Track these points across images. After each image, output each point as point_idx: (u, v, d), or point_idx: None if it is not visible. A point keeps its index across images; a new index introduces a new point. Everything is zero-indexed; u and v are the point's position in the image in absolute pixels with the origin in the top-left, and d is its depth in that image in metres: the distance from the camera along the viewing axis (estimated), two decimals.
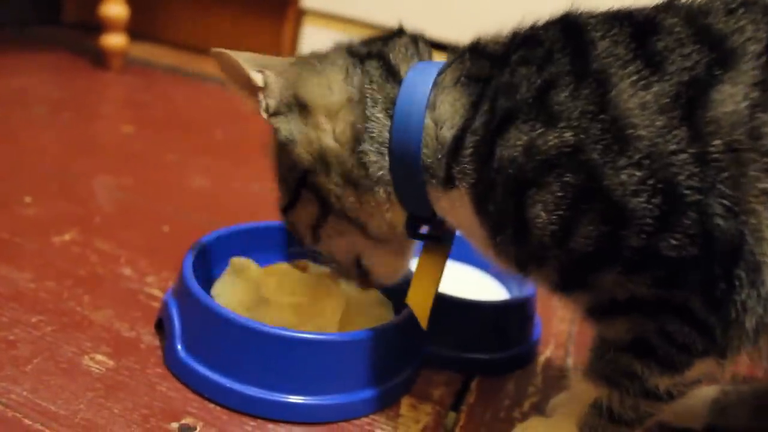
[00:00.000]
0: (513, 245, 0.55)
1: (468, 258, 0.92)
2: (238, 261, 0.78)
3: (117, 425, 0.61)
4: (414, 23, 0.62)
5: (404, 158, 0.57)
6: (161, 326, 0.75)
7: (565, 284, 0.55)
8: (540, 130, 0.51)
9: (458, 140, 0.55)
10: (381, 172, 0.58)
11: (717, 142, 0.47)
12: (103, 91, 1.74)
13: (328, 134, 0.59)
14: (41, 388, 0.64)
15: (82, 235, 0.94)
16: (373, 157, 0.58)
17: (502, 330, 0.81)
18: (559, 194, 0.50)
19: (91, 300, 0.80)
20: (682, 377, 0.54)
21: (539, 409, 0.73)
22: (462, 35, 0.62)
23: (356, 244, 0.66)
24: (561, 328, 0.90)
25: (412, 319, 0.72)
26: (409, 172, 0.58)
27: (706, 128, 0.47)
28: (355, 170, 0.59)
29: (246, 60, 0.61)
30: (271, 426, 0.65)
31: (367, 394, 0.68)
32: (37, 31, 2.08)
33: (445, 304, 0.78)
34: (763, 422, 0.70)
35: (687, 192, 0.47)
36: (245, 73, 0.61)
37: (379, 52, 0.60)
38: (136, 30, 1.92)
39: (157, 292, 0.83)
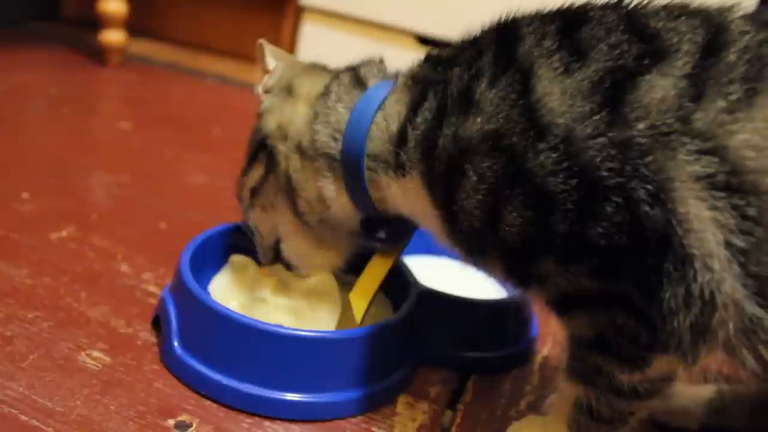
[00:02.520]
0: (455, 233, 0.59)
1: None
2: (237, 259, 0.78)
3: (113, 422, 0.61)
4: (412, 21, 0.65)
5: (351, 147, 0.65)
6: (158, 323, 0.74)
7: (512, 275, 0.57)
8: (462, 119, 0.55)
9: (402, 133, 0.61)
10: (329, 151, 0.66)
11: (641, 126, 0.47)
12: (102, 87, 1.73)
13: (299, 114, 0.69)
14: (37, 385, 0.64)
15: (79, 231, 0.94)
16: (323, 138, 0.66)
17: (499, 328, 0.81)
18: (474, 179, 0.53)
19: (87, 296, 0.80)
20: (644, 374, 0.54)
21: (535, 408, 0.73)
22: (458, 32, 0.63)
23: (280, 224, 0.73)
24: (558, 327, 0.89)
25: (408, 317, 0.72)
26: (352, 158, 0.65)
27: (631, 113, 0.48)
28: (305, 142, 0.68)
29: (271, 51, 0.76)
30: (267, 423, 0.65)
31: (364, 391, 0.68)
32: (36, 27, 2.07)
33: (442, 303, 0.78)
34: (759, 422, 0.70)
35: (606, 174, 0.48)
36: (264, 59, 0.75)
37: (354, 66, 0.71)
38: (135, 26, 1.91)
39: (154, 289, 0.83)
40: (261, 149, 0.72)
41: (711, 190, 0.46)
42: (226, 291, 0.76)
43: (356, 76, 0.69)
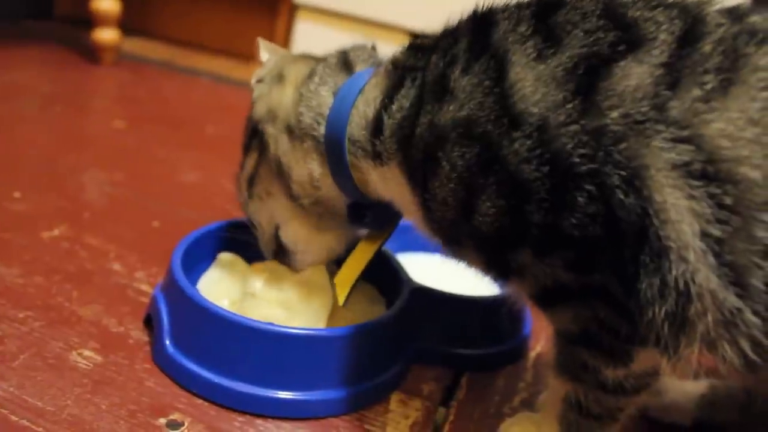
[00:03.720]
0: (432, 222, 0.59)
1: None
2: (225, 257, 0.78)
3: (104, 421, 0.61)
4: (406, 18, 0.65)
5: (335, 132, 0.65)
6: (150, 322, 0.74)
7: (491, 267, 0.57)
8: (437, 107, 0.54)
9: (377, 120, 0.61)
10: (313, 133, 0.66)
11: (615, 114, 0.47)
12: (95, 85, 1.73)
13: (287, 96, 0.69)
14: (28, 384, 0.64)
15: (71, 230, 0.94)
16: (307, 120, 0.67)
17: (493, 325, 0.81)
18: (447, 167, 0.53)
19: (79, 295, 0.79)
20: (628, 369, 0.54)
21: (529, 405, 0.73)
22: None
23: (278, 210, 0.73)
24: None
25: (401, 314, 0.72)
26: (335, 142, 0.65)
27: (605, 101, 0.47)
28: (293, 121, 0.68)
29: (266, 46, 0.77)
30: (259, 421, 0.65)
31: (356, 389, 0.68)
32: (29, 25, 2.07)
33: (435, 300, 0.78)
34: (751, 417, 0.70)
35: (578, 161, 0.47)
36: (258, 54, 0.76)
37: (344, 50, 0.71)
38: (128, 25, 1.91)
39: (146, 288, 0.83)
40: (253, 136, 0.72)
41: (687, 178, 0.46)
42: (216, 289, 0.76)
43: (344, 59, 0.69)
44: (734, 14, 0.50)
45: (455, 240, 0.58)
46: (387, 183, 0.63)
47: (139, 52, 1.99)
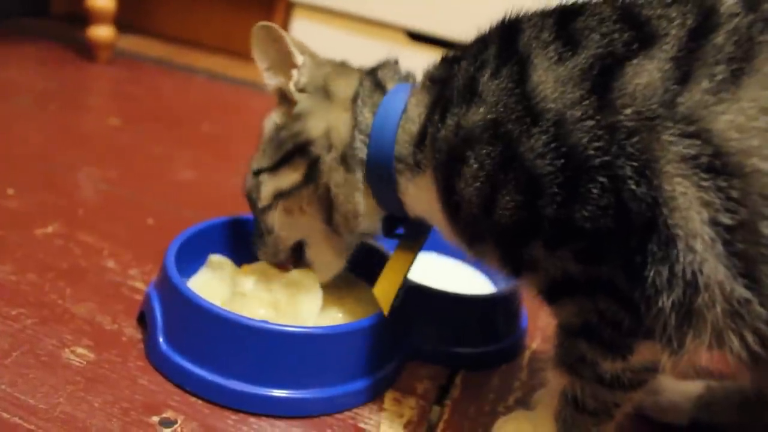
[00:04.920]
0: (456, 222, 0.60)
1: (454, 252, 0.91)
2: (215, 258, 0.78)
3: (97, 419, 0.61)
4: (402, 16, 0.65)
5: (379, 151, 0.66)
6: (143, 319, 0.74)
7: (506, 262, 0.58)
8: (464, 109, 0.57)
9: (421, 134, 0.62)
10: (361, 156, 0.67)
11: (628, 111, 0.48)
12: (90, 83, 1.72)
13: (341, 121, 0.68)
14: (20, 382, 0.64)
15: (65, 227, 0.94)
16: (358, 144, 0.67)
17: (488, 324, 0.81)
18: (475, 166, 0.55)
19: (73, 293, 0.79)
20: (626, 362, 0.55)
21: (524, 404, 0.73)
22: (448, 28, 0.63)
23: (308, 229, 0.73)
24: (547, 322, 0.89)
25: (396, 312, 0.72)
26: (381, 162, 0.66)
27: (618, 99, 0.49)
28: (349, 151, 0.67)
29: (295, 44, 0.72)
30: (252, 420, 0.65)
31: (350, 388, 0.68)
32: (25, 23, 2.06)
33: (430, 298, 0.78)
34: (748, 418, 0.70)
35: (592, 153, 0.49)
36: (288, 50, 0.71)
37: (373, 70, 0.72)
38: (124, 22, 1.90)
39: (140, 285, 0.83)
40: (299, 153, 0.70)
41: (696, 170, 0.46)
42: (206, 289, 0.75)
43: (375, 79, 0.70)
44: (751, 2, 0.49)
45: (478, 238, 0.59)
46: (420, 192, 0.64)
47: (135, 50, 1.98)
